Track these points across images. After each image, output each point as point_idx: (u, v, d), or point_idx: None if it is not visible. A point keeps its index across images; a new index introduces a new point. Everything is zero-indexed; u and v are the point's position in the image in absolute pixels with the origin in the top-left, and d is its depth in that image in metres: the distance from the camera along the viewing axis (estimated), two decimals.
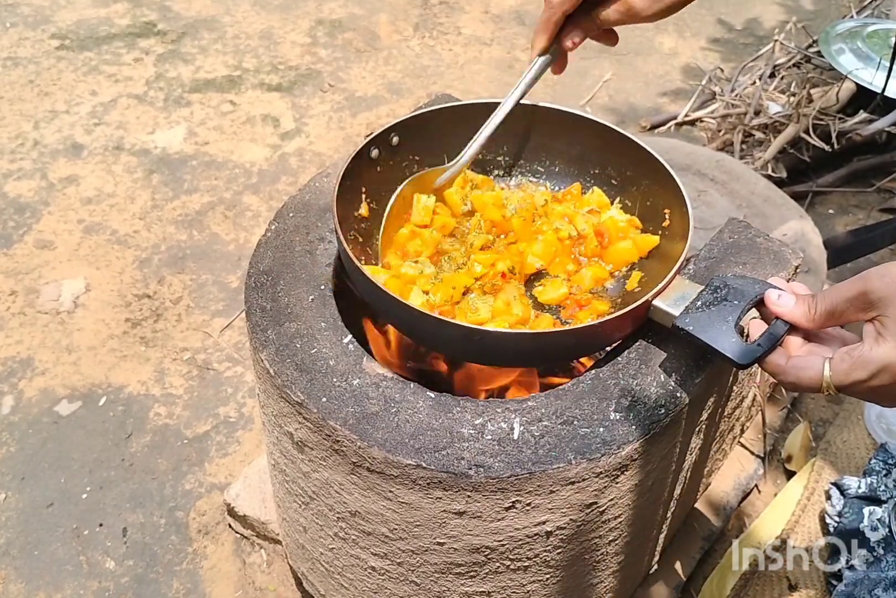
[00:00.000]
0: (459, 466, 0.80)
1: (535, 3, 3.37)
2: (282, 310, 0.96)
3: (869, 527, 1.35)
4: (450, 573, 0.93)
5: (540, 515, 0.85)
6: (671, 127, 2.67)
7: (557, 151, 1.14)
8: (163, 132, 2.60)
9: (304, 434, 0.90)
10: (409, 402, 0.86)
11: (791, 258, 1.02)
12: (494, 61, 3.02)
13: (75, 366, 1.88)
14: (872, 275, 0.72)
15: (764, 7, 3.41)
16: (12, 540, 1.56)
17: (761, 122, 2.43)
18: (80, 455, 1.70)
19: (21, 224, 2.25)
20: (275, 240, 1.05)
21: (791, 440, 1.63)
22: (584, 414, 0.86)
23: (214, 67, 2.92)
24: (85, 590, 1.49)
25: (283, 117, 2.69)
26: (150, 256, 2.16)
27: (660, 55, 3.08)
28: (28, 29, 3.07)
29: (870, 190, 2.44)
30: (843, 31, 2.67)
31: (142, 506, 1.62)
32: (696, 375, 0.90)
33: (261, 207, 2.34)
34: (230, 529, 1.56)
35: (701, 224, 1.49)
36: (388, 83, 2.88)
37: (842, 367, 0.72)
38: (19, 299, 2.03)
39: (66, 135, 2.57)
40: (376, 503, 0.88)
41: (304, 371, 0.89)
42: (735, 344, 0.79)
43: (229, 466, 1.69)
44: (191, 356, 1.91)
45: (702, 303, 0.85)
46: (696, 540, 1.44)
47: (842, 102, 2.43)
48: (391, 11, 3.28)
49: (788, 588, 1.37)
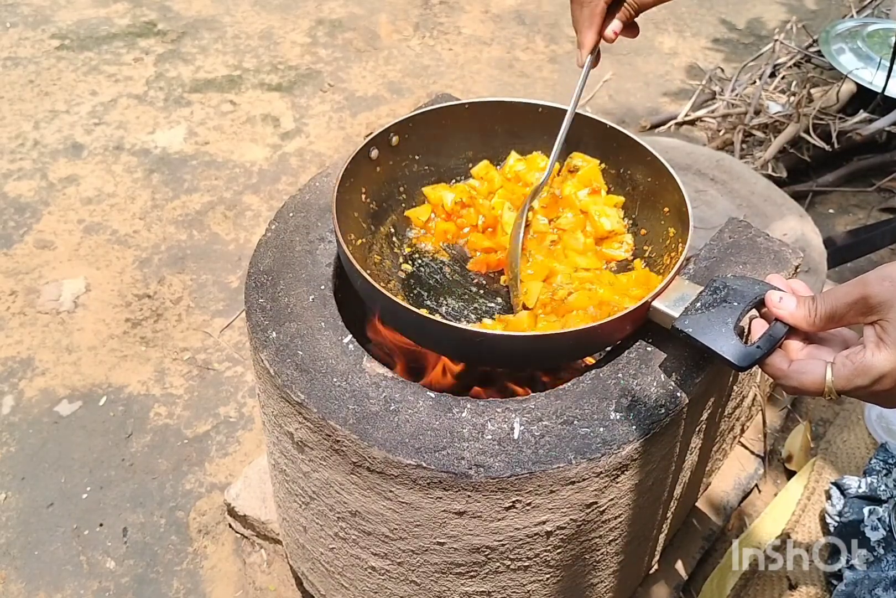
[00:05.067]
0: (459, 466, 0.80)
1: (535, 2, 3.37)
2: (282, 310, 0.96)
3: (869, 527, 1.34)
4: (450, 573, 0.93)
5: (540, 515, 0.85)
6: (671, 127, 2.67)
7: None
8: (163, 132, 2.60)
9: (304, 434, 0.90)
10: (409, 402, 0.86)
11: (791, 258, 1.02)
12: (494, 61, 3.02)
13: (75, 366, 1.88)
14: (872, 279, 0.72)
15: (764, 7, 3.40)
16: (12, 540, 1.56)
17: (761, 121, 2.43)
18: (81, 455, 1.70)
19: (21, 224, 2.25)
20: (275, 240, 1.05)
21: (791, 440, 1.63)
22: (585, 414, 0.86)
23: (214, 67, 2.92)
24: (85, 590, 1.49)
25: (284, 117, 2.69)
26: (150, 256, 2.17)
27: (660, 55, 3.08)
28: (28, 29, 3.07)
29: (870, 190, 2.43)
30: (843, 30, 2.67)
31: (142, 506, 1.62)
32: (696, 375, 0.90)
33: (261, 207, 2.34)
34: (230, 529, 1.56)
35: (701, 224, 1.49)
36: (388, 83, 2.88)
37: (843, 372, 0.72)
38: (19, 299, 2.03)
39: (66, 135, 2.57)
40: (376, 503, 0.88)
41: (304, 371, 0.89)
42: (734, 346, 0.79)
43: (229, 466, 1.69)
44: (191, 356, 1.91)
45: (701, 304, 0.84)
46: (696, 540, 1.44)
47: (842, 102, 2.43)
48: (391, 11, 3.28)
49: (788, 588, 1.37)
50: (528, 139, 1.14)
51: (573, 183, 1.10)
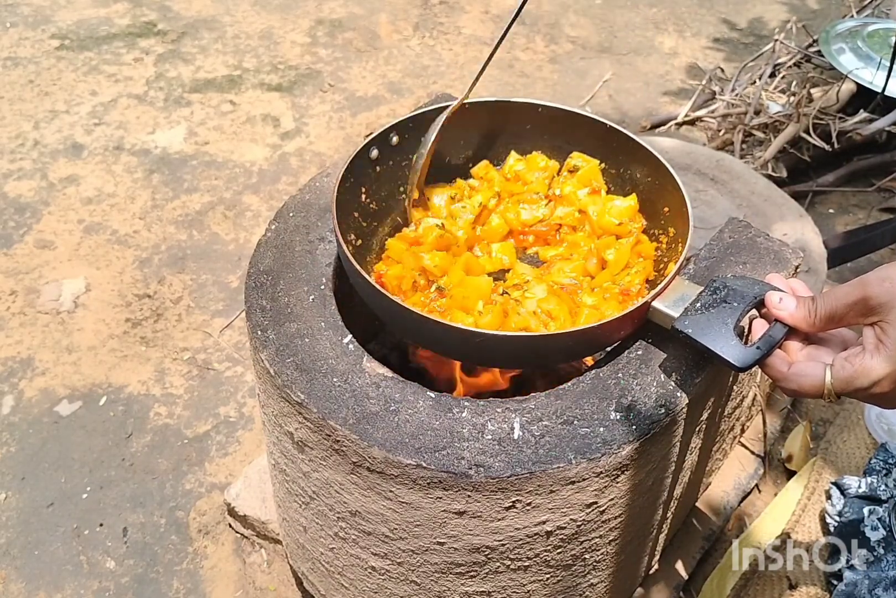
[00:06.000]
0: (459, 466, 0.80)
1: (535, 2, 3.37)
2: (282, 310, 0.96)
3: (869, 527, 1.34)
4: (450, 573, 0.93)
5: (540, 515, 0.85)
6: (671, 127, 2.67)
7: (557, 149, 1.14)
8: (163, 132, 2.60)
9: (304, 434, 0.90)
10: (409, 402, 0.86)
11: (791, 258, 1.02)
12: (494, 61, 3.01)
13: (75, 366, 1.88)
14: (872, 280, 0.72)
15: (764, 6, 3.40)
16: (12, 540, 1.56)
17: (761, 121, 2.43)
18: (81, 455, 1.71)
19: (21, 224, 2.25)
20: (275, 240, 1.05)
21: (791, 440, 1.63)
22: (585, 414, 0.86)
23: (214, 67, 2.92)
24: (85, 590, 1.49)
25: (283, 117, 2.69)
26: (150, 256, 2.17)
27: (660, 55, 3.08)
28: (28, 29, 3.07)
29: (870, 190, 2.43)
30: (843, 30, 2.67)
31: (142, 506, 1.62)
32: (696, 375, 0.90)
33: (261, 207, 2.34)
34: (230, 529, 1.56)
35: (701, 224, 1.49)
36: (388, 83, 2.88)
37: (842, 375, 0.72)
38: (19, 299, 2.03)
39: (66, 135, 2.57)
40: (376, 503, 0.88)
41: (304, 371, 0.89)
42: (734, 347, 0.79)
43: (229, 466, 1.69)
44: (191, 356, 1.92)
45: (701, 305, 0.84)
46: (696, 540, 1.44)
47: (842, 102, 2.43)
48: (391, 11, 3.28)
49: (788, 588, 1.37)
50: (527, 139, 1.14)
51: (573, 183, 1.10)
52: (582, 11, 3.34)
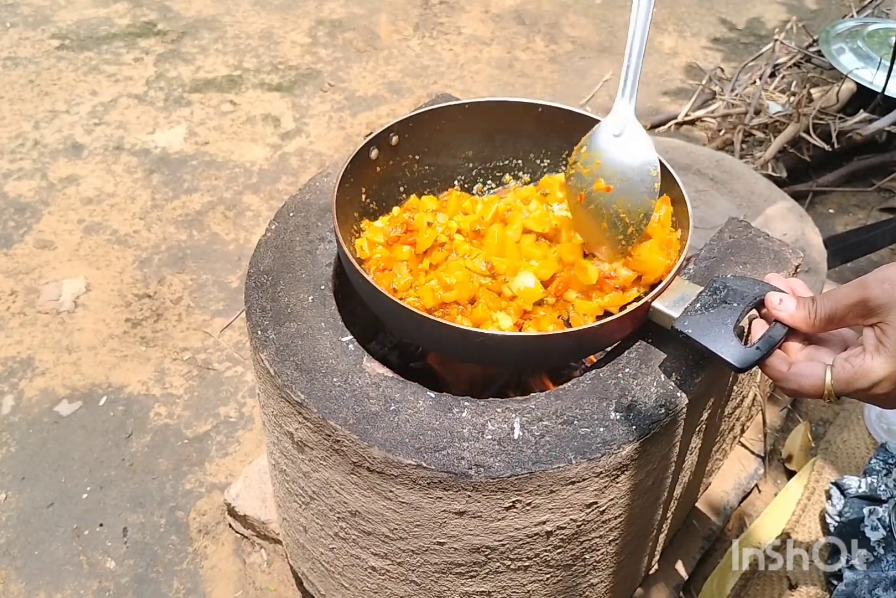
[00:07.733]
0: (459, 466, 0.80)
1: (535, 2, 3.37)
2: (282, 310, 0.96)
3: (869, 527, 1.34)
4: (450, 573, 0.93)
5: (540, 515, 0.85)
6: (671, 127, 2.67)
7: (557, 149, 1.14)
8: (163, 132, 2.60)
9: (304, 434, 0.90)
10: (409, 402, 0.86)
11: (791, 258, 1.02)
12: (494, 61, 3.02)
13: (75, 366, 1.88)
14: (872, 281, 0.72)
15: (764, 6, 3.40)
16: (12, 540, 1.56)
17: (761, 121, 2.43)
18: (81, 455, 1.71)
19: (21, 224, 2.25)
20: (275, 240, 1.06)
21: (791, 440, 1.63)
22: (585, 414, 0.86)
23: (214, 67, 2.92)
24: (85, 590, 1.49)
25: (284, 117, 2.69)
26: (150, 256, 2.17)
27: (660, 55, 3.08)
28: (28, 29, 3.07)
29: (870, 190, 2.43)
30: (843, 30, 2.67)
31: (142, 506, 1.62)
32: (696, 375, 0.90)
33: (261, 206, 2.34)
34: (230, 529, 1.56)
35: (701, 224, 1.49)
36: (388, 83, 2.88)
37: (842, 376, 0.72)
38: (19, 299, 2.03)
39: (66, 135, 2.57)
40: (376, 503, 0.88)
41: (304, 371, 0.89)
42: (734, 348, 0.79)
43: (229, 466, 1.69)
44: (191, 356, 1.92)
45: (701, 305, 0.84)
46: (696, 540, 1.44)
47: (842, 102, 2.43)
48: (391, 11, 3.28)
49: (788, 588, 1.37)
50: (527, 139, 1.14)
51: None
52: (582, 11, 3.33)
